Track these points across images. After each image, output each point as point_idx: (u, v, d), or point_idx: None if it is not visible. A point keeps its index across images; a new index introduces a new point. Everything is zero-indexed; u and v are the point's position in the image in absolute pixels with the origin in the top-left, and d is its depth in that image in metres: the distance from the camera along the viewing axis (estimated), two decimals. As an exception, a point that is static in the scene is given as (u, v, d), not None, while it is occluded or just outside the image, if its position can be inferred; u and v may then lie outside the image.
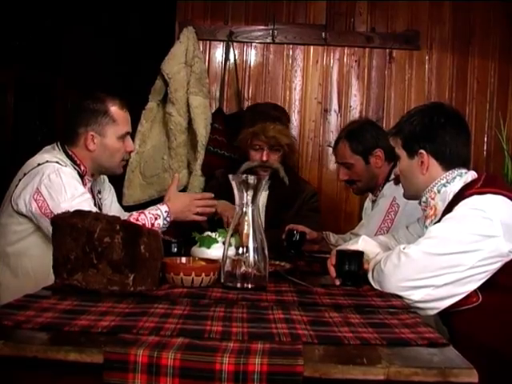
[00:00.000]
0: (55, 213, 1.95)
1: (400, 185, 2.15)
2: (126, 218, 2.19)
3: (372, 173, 2.79)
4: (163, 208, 2.31)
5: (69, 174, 2.21)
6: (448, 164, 1.96)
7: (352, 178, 2.84)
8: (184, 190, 3.41)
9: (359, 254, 1.90)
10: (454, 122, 2.00)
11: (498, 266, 1.78)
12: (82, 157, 2.33)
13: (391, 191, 2.64)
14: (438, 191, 1.95)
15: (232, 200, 2.73)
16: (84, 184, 2.31)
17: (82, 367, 1.12)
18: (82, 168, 2.33)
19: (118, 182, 2.91)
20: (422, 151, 1.96)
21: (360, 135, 2.80)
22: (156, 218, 2.27)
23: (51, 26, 5.09)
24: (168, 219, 2.30)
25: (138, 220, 2.22)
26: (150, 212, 2.28)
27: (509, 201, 1.82)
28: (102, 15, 5.33)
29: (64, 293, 1.57)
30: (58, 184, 2.15)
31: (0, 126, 5.09)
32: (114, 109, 2.33)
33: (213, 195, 2.48)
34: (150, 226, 2.21)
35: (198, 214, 2.41)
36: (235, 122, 3.39)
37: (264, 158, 2.94)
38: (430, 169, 1.97)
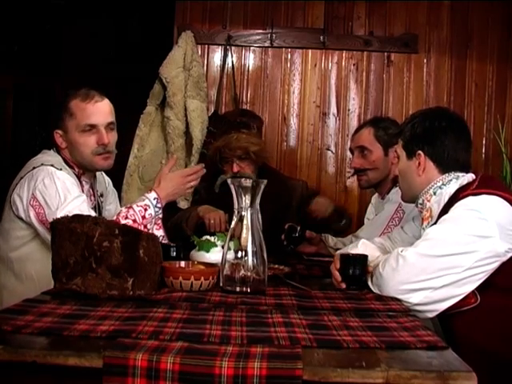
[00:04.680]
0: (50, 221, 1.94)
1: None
2: (115, 217, 2.17)
3: (386, 167, 2.74)
4: (151, 196, 2.26)
5: (63, 177, 2.18)
6: (445, 168, 1.97)
7: (365, 167, 2.76)
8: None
9: (364, 258, 1.89)
10: (456, 128, 2.01)
11: (494, 266, 1.79)
12: (68, 157, 2.32)
13: (397, 197, 2.60)
14: (434, 193, 1.97)
15: None
16: (82, 186, 2.30)
17: (81, 372, 1.12)
18: (77, 169, 2.31)
19: (117, 185, 2.91)
20: (419, 152, 1.99)
21: (386, 126, 2.76)
22: (146, 209, 2.22)
23: (50, 30, 5.11)
24: (159, 205, 2.26)
25: (127, 217, 2.17)
26: (138, 204, 2.23)
27: (504, 201, 1.83)
28: (101, 20, 5.34)
29: (63, 297, 1.57)
30: (51, 189, 2.13)
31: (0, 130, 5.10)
32: (74, 102, 2.26)
33: (203, 165, 2.42)
34: (141, 219, 2.18)
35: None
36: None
37: (234, 170, 2.89)
38: (426, 171, 1.98)
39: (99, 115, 2.28)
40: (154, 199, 2.26)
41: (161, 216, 2.29)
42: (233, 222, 1.79)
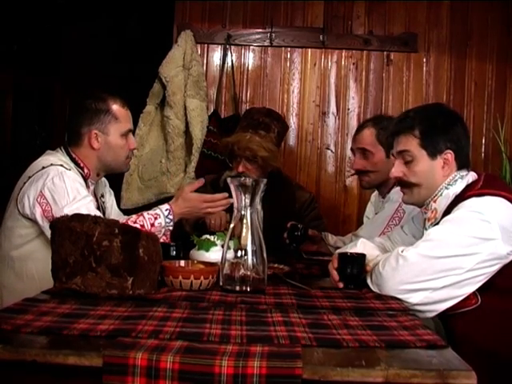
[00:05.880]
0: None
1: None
2: (124, 221, 2.20)
3: (388, 169, 2.66)
4: (164, 207, 2.30)
5: (72, 177, 2.22)
6: (462, 165, 1.94)
7: (366, 169, 2.68)
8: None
9: (362, 257, 1.88)
10: (465, 124, 2.00)
11: (496, 268, 1.78)
12: (85, 157, 2.34)
13: (398, 196, 2.58)
14: (441, 194, 1.93)
15: None
16: (87, 187, 2.32)
17: (81, 371, 1.12)
18: (86, 171, 2.34)
19: (116, 185, 2.91)
20: (449, 151, 1.90)
21: (387, 127, 2.56)
22: (156, 218, 2.26)
23: (50, 30, 5.10)
24: (170, 217, 2.28)
25: (135, 222, 2.21)
26: (149, 213, 2.28)
27: (507, 202, 1.81)
28: (101, 19, 5.34)
29: (63, 296, 1.57)
30: (61, 187, 2.16)
31: (-1, 130, 5.10)
32: (116, 107, 2.36)
33: (226, 195, 2.32)
34: (149, 227, 2.21)
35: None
36: (230, 125, 3.40)
37: (239, 170, 2.83)
38: (450, 170, 1.93)
39: (131, 122, 2.45)
40: (166, 210, 2.29)
41: (171, 229, 2.30)
42: (233, 221, 1.79)
